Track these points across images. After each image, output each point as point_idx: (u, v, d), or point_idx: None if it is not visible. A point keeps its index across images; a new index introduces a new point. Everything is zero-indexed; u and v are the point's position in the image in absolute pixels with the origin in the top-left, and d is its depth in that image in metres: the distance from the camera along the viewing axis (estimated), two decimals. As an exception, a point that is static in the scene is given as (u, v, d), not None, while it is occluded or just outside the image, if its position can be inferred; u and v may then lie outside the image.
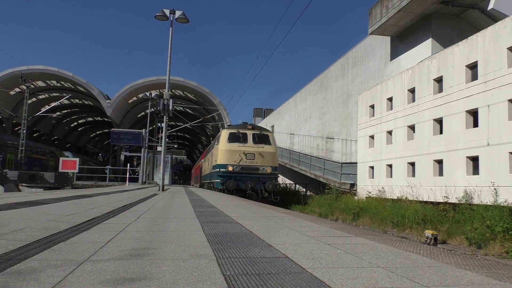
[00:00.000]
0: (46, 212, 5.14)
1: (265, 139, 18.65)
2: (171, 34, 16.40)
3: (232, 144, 17.99)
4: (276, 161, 18.59)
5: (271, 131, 19.80)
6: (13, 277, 1.92)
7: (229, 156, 17.62)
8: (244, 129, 18.58)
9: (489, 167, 11.14)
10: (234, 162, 17.50)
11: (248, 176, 17.45)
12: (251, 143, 18.05)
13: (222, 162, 17.77)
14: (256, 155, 17.80)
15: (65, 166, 29.96)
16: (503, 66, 10.94)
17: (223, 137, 18.48)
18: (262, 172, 17.71)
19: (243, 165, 17.58)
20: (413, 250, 3.01)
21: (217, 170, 18.21)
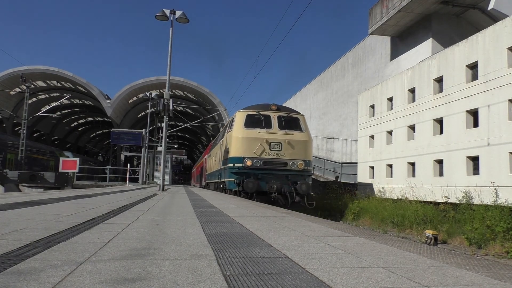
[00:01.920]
0: (46, 212, 5.14)
1: (295, 124, 13.91)
2: (171, 34, 16.40)
3: (250, 130, 13.41)
4: (310, 153, 13.92)
5: (302, 114, 14.72)
6: (14, 277, 1.92)
7: (247, 146, 13.16)
8: (266, 110, 13.81)
9: (489, 167, 11.14)
10: (254, 155, 13.03)
11: (273, 174, 13.12)
12: (276, 128, 13.43)
13: (238, 154, 13.33)
14: (284, 144, 13.21)
15: (65, 166, 29.95)
16: (503, 66, 10.94)
17: (239, 120, 13.73)
18: (292, 168, 13.19)
19: (266, 158, 13.04)
20: (413, 250, 3.01)
21: (230, 165, 13.70)
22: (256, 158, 13.06)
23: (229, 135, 14.31)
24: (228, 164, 13.97)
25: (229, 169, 13.70)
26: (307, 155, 13.75)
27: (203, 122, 48.64)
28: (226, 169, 14.48)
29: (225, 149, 15.03)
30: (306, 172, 13.64)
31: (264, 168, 13.13)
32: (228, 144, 14.37)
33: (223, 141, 16.22)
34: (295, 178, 13.23)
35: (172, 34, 16.42)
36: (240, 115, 13.93)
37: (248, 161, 12.99)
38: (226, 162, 14.30)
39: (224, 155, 15.16)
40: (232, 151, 13.64)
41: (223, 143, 16.06)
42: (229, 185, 14.05)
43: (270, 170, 13.12)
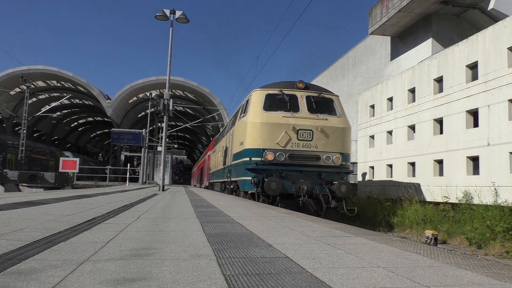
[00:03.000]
0: (46, 212, 5.14)
1: (329, 106, 11.07)
2: (171, 34, 16.40)
3: (272, 113, 10.51)
4: (348, 143, 11.03)
5: (336, 94, 11.84)
6: (14, 277, 1.92)
7: (268, 134, 10.32)
8: (291, 89, 10.90)
9: (490, 167, 11.14)
10: (276, 146, 10.19)
11: (302, 171, 10.29)
12: (305, 111, 10.58)
13: (255, 145, 10.41)
14: (315, 133, 10.34)
15: (65, 166, 29.97)
16: (504, 66, 10.94)
17: (256, 102, 10.83)
18: (326, 163, 10.28)
19: (293, 150, 10.22)
20: (413, 250, 3.01)
21: (244, 160, 10.75)
22: (279, 151, 10.13)
23: (243, 121, 11.22)
24: (241, 158, 11.04)
25: (243, 165, 10.66)
26: (345, 147, 10.77)
27: (203, 122, 48.65)
28: (238, 165, 11.48)
29: (236, 141, 12.12)
30: (344, 169, 10.69)
31: (290, 163, 10.17)
32: (241, 133, 11.41)
33: (233, 131, 13.17)
34: (330, 176, 10.41)
35: (172, 34, 16.42)
36: (257, 95, 10.85)
37: (269, 154, 10.08)
38: (239, 156, 11.38)
39: (235, 148, 12.33)
40: (247, 142, 10.65)
41: (233, 134, 13.09)
42: (243, 185, 10.95)
43: (298, 166, 10.23)
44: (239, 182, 11.52)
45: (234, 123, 13.67)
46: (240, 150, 11.37)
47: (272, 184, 9.63)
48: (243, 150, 10.91)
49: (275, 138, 10.25)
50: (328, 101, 11.17)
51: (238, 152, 11.64)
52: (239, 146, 11.55)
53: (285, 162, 10.17)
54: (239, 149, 11.53)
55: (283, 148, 10.23)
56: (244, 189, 11.03)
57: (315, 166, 10.35)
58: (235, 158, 12.26)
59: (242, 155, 11.00)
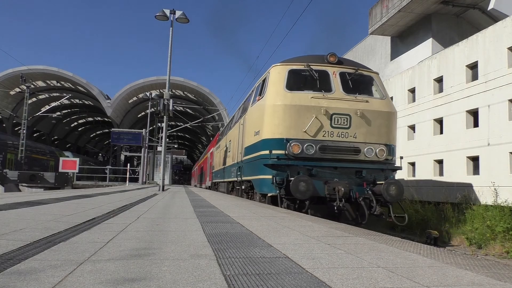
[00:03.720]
0: (46, 212, 5.14)
1: (368, 85, 9.12)
2: (171, 34, 16.40)
3: (298, 94, 8.46)
4: (394, 132, 8.94)
5: (375, 71, 9.71)
6: (13, 277, 1.92)
7: (293, 120, 8.27)
8: (321, 64, 8.83)
9: (490, 167, 11.14)
10: (304, 135, 8.19)
11: (336, 167, 8.30)
12: (340, 92, 8.50)
13: (276, 134, 8.37)
14: (354, 118, 8.32)
15: (65, 166, 29.97)
16: (504, 66, 10.94)
17: (277, 79, 8.76)
18: (368, 157, 8.35)
19: (326, 141, 8.21)
20: (413, 250, 3.01)
21: (262, 154, 8.59)
22: (308, 141, 8.06)
23: (259, 105, 9.13)
24: (257, 152, 8.88)
25: (260, 161, 8.52)
26: (391, 137, 8.69)
27: (203, 122, 48.65)
28: (253, 161, 9.31)
29: (249, 131, 9.95)
30: (390, 165, 8.63)
31: (322, 157, 8.14)
32: (256, 120, 9.29)
33: (244, 119, 10.94)
34: (373, 174, 8.34)
35: (172, 34, 16.42)
36: (278, 72, 8.77)
37: (295, 146, 8.03)
38: (254, 150, 9.22)
39: (247, 140, 10.15)
40: (266, 130, 8.53)
41: (244, 124, 10.83)
42: (260, 186, 8.77)
43: (332, 161, 8.20)
44: (255, 182, 9.26)
45: (245, 110, 11.33)
46: (255, 141, 9.18)
47: (301, 184, 7.47)
48: (260, 141, 8.74)
49: (302, 125, 8.12)
50: (367, 79, 9.08)
51: (253, 144, 9.42)
52: (253, 137, 9.35)
53: (316, 156, 8.11)
54: (253, 140, 9.34)
55: (312, 138, 8.12)
56: (261, 191, 8.78)
57: (353, 162, 8.28)
58: (248, 152, 9.99)
59: (259, 148, 8.84)
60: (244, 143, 10.60)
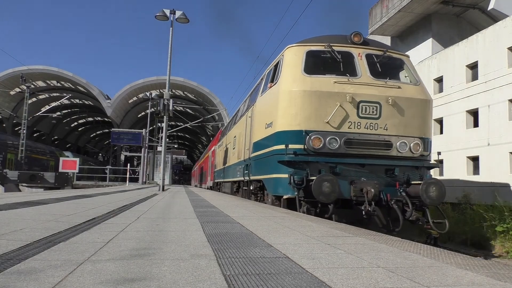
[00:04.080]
0: (46, 212, 5.14)
1: (398, 70, 8.12)
2: (171, 34, 16.41)
3: (318, 78, 7.39)
4: (430, 124, 7.78)
5: (406, 53, 8.70)
6: (13, 277, 1.92)
7: (313, 108, 7.19)
8: (343, 44, 7.78)
9: (490, 167, 11.14)
10: (327, 127, 7.13)
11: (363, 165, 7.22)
12: (367, 76, 7.44)
13: (294, 125, 7.28)
14: (384, 107, 7.23)
15: (65, 166, 29.99)
16: (504, 66, 10.94)
17: (292, 62, 7.69)
18: (400, 153, 7.28)
19: (352, 133, 7.17)
20: (413, 250, 3.01)
21: (276, 149, 7.53)
22: (331, 134, 6.99)
23: (272, 93, 8.02)
24: (270, 147, 7.79)
25: (274, 157, 7.44)
26: (426, 129, 7.53)
27: (203, 122, 48.66)
28: (264, 157, 8.22)
29: (259, 123, 8.88)
30: (426, 162, 7.56)
31: (347, 153, 7.04)
32: (268, 110, 8.19)
33: (253, 111, 9.83)
34: (406, 173, 7.24)
35: (172, 34, 16.42)
36: (294, 53, 7.68)
37: (316, 139, 6.94)
38: (266, 144, 8.12)
39: (256, 134, 9.06)
40: (281, 121, 7.39)
41: (253, 116, 9.74)
42: (274, 187, 7.62)
43: (359, 158, 7.09)
44: (267, 181, 8.16)
45: (253, 100, 10.19)
46: (267, 135, 8.10)
47: (324, 185, 6.38)
48: (273, 134, 7.62)
49: (323, 115, 7.00)
50: (398, 62, 8.00)
51: (264, 138, 8.31)
52: (264, 130, 8.26)
53: (340, 151, 6.98)
54: (264, 134, 8.28)
55: (336, 130, 7.03)
56: (276, 192, 7.62)
57: (384, 158, 7.19)
58: (257, 148, 8.97)
59: (272, 142, 7.70)
60: (253, 137, 9.53)
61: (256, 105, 9.61)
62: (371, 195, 6.64)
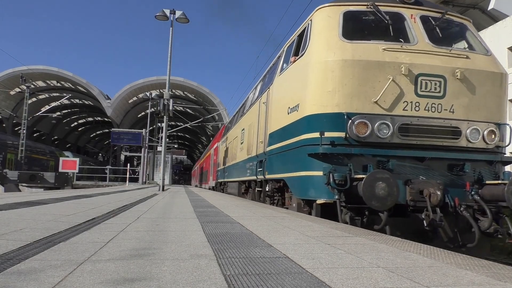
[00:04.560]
0: (46, 212, 5.14)
1: (462, 36, 6.58)
2: (171, 34, 16.41)
3: (362, 45, 5.78)
4: (505, 105, 6.00)
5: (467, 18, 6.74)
6: (13, 277, 1.92)
7: (354, 85, 5.55)
8: (391, 3, 6.15)
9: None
10: (374, 108, 5.52)
11: (423, 158, 5.53)
12: (424, 42, 5.79)
13: (330, 107, 5.63)
14: (450, 81, 5.56)
15: (65, 166, 29.99)
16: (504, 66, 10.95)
17: (325, 26, 6.07)
18: (472, 143, 5.63)
19: (409, 117, 5.52)
20: (413, 250, 3.01)
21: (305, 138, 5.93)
22: (381, 117, 5.51)
23: (298, 67, 6.51)
24: (296, 136, 6.27)
25: (302, 149, 5.99)
26: (502, 112, 5.98)
27: (203, 122, 48.66)
28: (286, 151, 6.73)
29: (279, 108, 7.33)
30: (504, 156, 6.05)
31: (403, 143, 5.57)
32: (292, 90, 6.65)
33: (268, 95, 8.33)
34: (477, 169, 5.68)
35: (172, 34, 16.42)
36: (327, 14, 6.15)
37: (361, 125, 5.49)
38: (290, 133, 6.57)
39: (275, 122, 7.48)
40: (312, 102, 5.87)
41: (269, 100, 8.24)
42: (302, 187, 6.09)
43: (418, 150, 5.59)
44: (291, 181, 6.59)
45: (269, 82, 8.59)
46: (290, 122, 6.54)
47: (379, 186, 4.82)
48: (301, 120, 6.05)
49: (371, 93, 5.51)
50: (460, 27, 6.47)
51: (286, 127, 6.78)
52: (286, 116, 6.74)
53: (393, 140, 5.48)
54: (287, 121, 6.71)
55: (388, 113, 5.51)
56: (305, 195, 6.00)
57: (450, 150, 5.62)
58: (275, 139, 7.41)
59: (299, 130, 6.13)
60: (269, 127, 8.00)
61: (273, 87, 8.09)
62: (436, 199, 5.02)
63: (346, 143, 5.55)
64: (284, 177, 6.97)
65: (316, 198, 5.76)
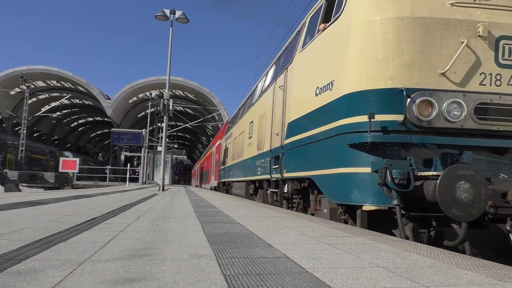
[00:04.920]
0: (46, 212, 5.14)
1: None
2: (171, 34, 16.41)
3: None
4: None
5: None
6: (13, 277, 1.92)
7: (414, 51, 4.24)
8: None
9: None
10: (440, 82, 4.23)
11: (507, 149, 4.22)
12: None
13: (381, 82, 4.32)
14: None
15: (65, 166, 30.00)
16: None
17: None
18: None
19: (489, 94, 4.22)
20: (413, 250, 3.01)
21: (346, 124, 4.59)
22: (451, 94, 4.27)
23: (331, 35, 5.30)
24: (329, 122, 5.05)
25: (341, 137, 4.74)
26: None
27: (203, 122, 48.66)
28: (316, 142, 5.50)
29: (304, 89, 6.14)
30: None
31: (481, 129, 4.31)
32: (325, 64, 5.42)
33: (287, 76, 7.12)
34: None
35: (172, 34, 16.42)
36: None
37: (424, 105, 4.26)
38: (320, 120, 5.39)
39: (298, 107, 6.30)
40: (354, 75, 4.63)
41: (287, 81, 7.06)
42: (342, 189, 4.79)
43: (499, 138, 4.31)
44: (324, 181, 5.27)
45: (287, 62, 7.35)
46: (320, 105, 5.32)
47: (463, 188, 3.71)
48: (338, 100, 4.85)
49: (436, 62, 4.34)
50: None
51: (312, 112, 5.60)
52: (313, 99, 5.56)
53: (467, 125, 4.30)
54: (314, 105, 5.51)
55: (460, 89, 4.35)
56: (346, 199, 4.74)
57: None
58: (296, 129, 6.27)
59: (333, 114, 4.94)
60: (288, 115, 6.74)
61: (292, 67, 6.84)
62: None
63: (404, 129, 4.27)
64: (312, 175, 5.59)
65: (361, 203, 4.45)
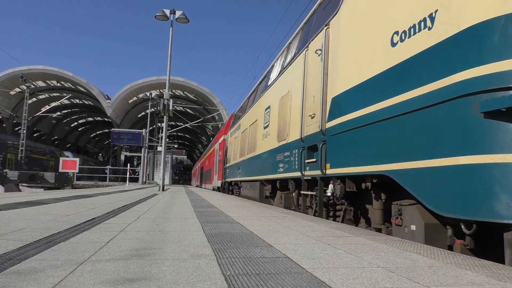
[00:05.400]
0: (46, 212, 5.14)
1: None
2: (171, 34, 16.41)
3: None
4: None
5: None
6: (13, 277, 1.92)
7: None
8: None
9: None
10: None
11: None
12: None
13: None
14: None
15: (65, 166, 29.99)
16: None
17: None
18: None
19: None
20: (413, 250, 3.01)
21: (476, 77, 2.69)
22: None
23: None
24: (442, 76, 3.06)
25: (464, 101, 2.87)
26: None
27: (203, 122, 48.66)
28: (412, 113, 3.44)
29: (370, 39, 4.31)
30: None
31: None
32: None
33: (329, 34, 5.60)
34: None
35: (172, 34, 16.42)
36: None
37: None
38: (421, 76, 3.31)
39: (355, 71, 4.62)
40: None
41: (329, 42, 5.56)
42: (453, 193, 3.00)
43: None
44: (416, 177, 3.48)
45: (328, 13, 5.82)
46: (406, 57, 3.64)
47: None
48: (452, 38, 3.05)
49: None
50: None
51: (392, 70, 3.87)
52: (387, 51, 3.98)
53: None
54: (389, 60, 3.94)
55: None
56: (480, 213, 2.87)
57: None
58: (352, 103, 4.68)
59: (443, 65, 3.12)
60: (333, 86, 5.25)
61: (338, 20, 5.32)
62: None
63: None
64: (391, 170, 3.87)
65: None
